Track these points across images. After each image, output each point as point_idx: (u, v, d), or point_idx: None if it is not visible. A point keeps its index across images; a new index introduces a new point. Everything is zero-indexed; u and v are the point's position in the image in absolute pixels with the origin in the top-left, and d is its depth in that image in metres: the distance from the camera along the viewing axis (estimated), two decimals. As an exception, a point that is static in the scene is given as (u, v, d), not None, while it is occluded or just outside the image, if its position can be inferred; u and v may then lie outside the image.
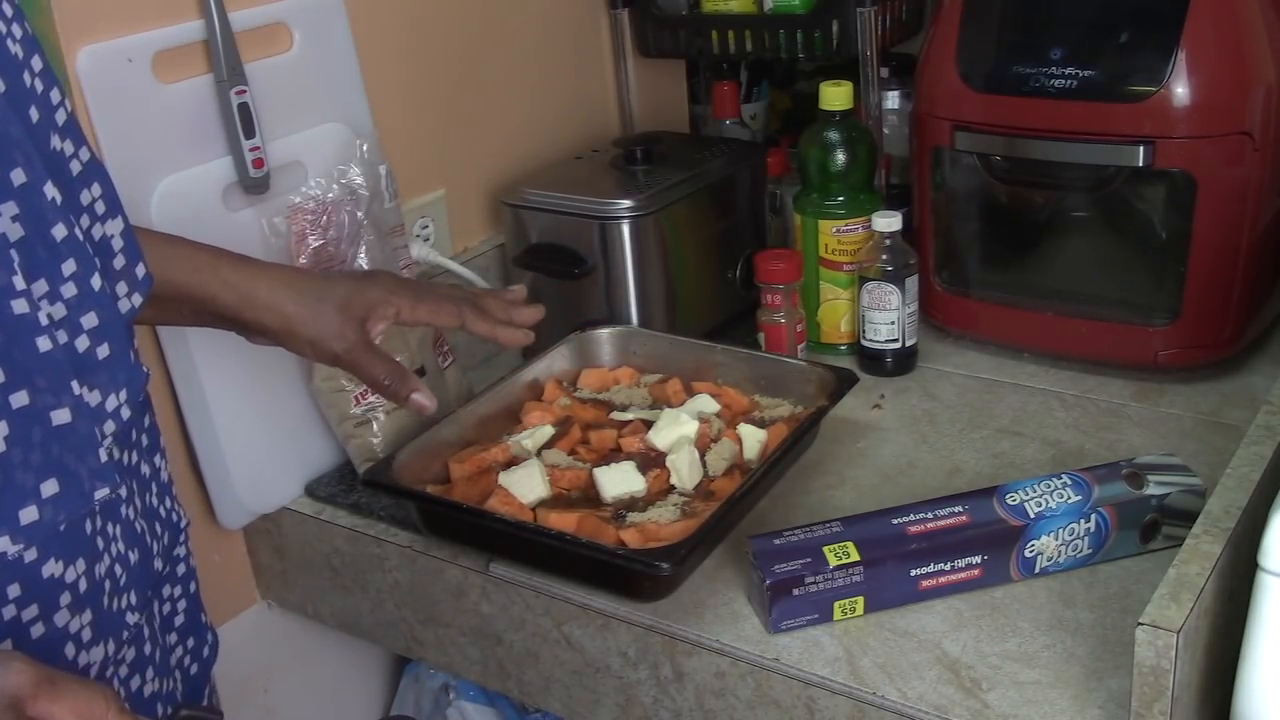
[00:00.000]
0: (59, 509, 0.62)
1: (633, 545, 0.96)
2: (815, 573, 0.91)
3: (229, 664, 1.15)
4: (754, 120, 1.77)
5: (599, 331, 1.25)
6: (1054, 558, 0.95)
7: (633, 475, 1.03)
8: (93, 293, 0.65)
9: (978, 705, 0.85)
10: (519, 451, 1.09)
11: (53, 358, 0.61)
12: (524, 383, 1.20)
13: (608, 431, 1.11)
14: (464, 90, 1.40)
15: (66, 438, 0.62)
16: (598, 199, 1.28)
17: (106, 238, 0.71)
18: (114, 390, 0.66)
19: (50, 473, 0.62)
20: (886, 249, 1.25)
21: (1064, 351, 1.26)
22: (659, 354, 1.23)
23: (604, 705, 1.02)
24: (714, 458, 1.06)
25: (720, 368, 1.20)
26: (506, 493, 1.02)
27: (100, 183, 0.71)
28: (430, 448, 1.08)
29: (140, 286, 0.74)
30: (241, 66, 1.10)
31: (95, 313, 0.65)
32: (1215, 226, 1.13)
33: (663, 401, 1.17)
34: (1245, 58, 1.10)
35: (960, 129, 1.22)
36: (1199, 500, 0.96)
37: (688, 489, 1.04)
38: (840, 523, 0.94)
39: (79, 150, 0.69)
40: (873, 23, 1.34)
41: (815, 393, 1.13)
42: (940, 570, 0.93)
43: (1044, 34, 1.17)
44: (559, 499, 1.04)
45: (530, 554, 1.01)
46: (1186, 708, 0.78)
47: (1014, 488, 0.95)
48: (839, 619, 0.93)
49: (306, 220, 1.12)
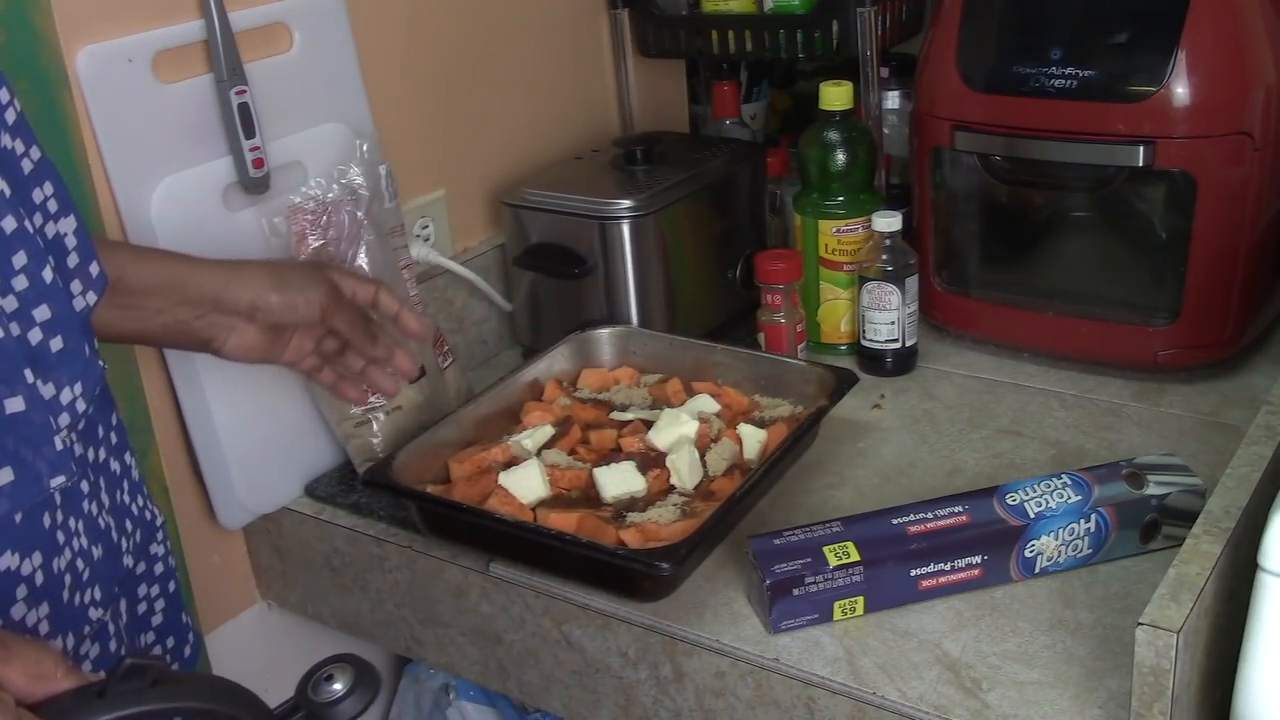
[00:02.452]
0: (15, 497, 0.62)
1: (633, 545, 0.96)
2: (815, 573, 0.91)
3: (229, 664, 1.15)
4: (754, 120, 1.77)
5: (599, 331, 1.25)
6: (1054, 558, 0.95)
7: (633, 475, 1.03)
8: (44, 285, 0.65)
9: (978, 705, 0.85)
10: (519, 451, 1.09)
11: (4, 347, 0.61)
12: (524, 383, 1.20)
13: (608, 431, 1.12)
14: (464, 90, 1.40)
15: (21, 427, 0.62)
16: (598, 199, 1.28)
17: (60, 235, 0.71)
18: (69, 383, 0.67)
19: (4, 461, 0.62)
20: (886, 249, 1.25)
21: (1064, 351, 1.26)
22: (659, 354, 1.24)
23: (604, 705, 1.02)
24: (714, 458, 1.06)
25: (720, 368, 1.20)
26: (506, 493, 1.02)
27: (52, 181, 0.71)
28: (430, 448, 1.08)
29: (94, 285, 0.74)
30: (241, 66, 1.10)
31: (48, 306, 0.65)
32: (1215, 226, 1.13)
33: (663, 401, 1.17)
34: (1245, 58, 1.10)
35: (960, 129, 1.23)
36: (1199, 500, 0.96)
37: (688, 489, 1.04)
38: (840, 523, 0.94)
39: (29, 149, 0.69)
40: (873, 23, 1.34)
41: (815, 393, 1.13)
42: (940, 570, 0.93)
43: (1044, 34, 1.17)
44: (559, 499, 1.04)
45: (530, 554, 1.01)
46: (1186, 708, 0.78)
47: (1014, 488, 0.95)
48: (839, 619, 0.93)
49: (306, 220, 1.12)
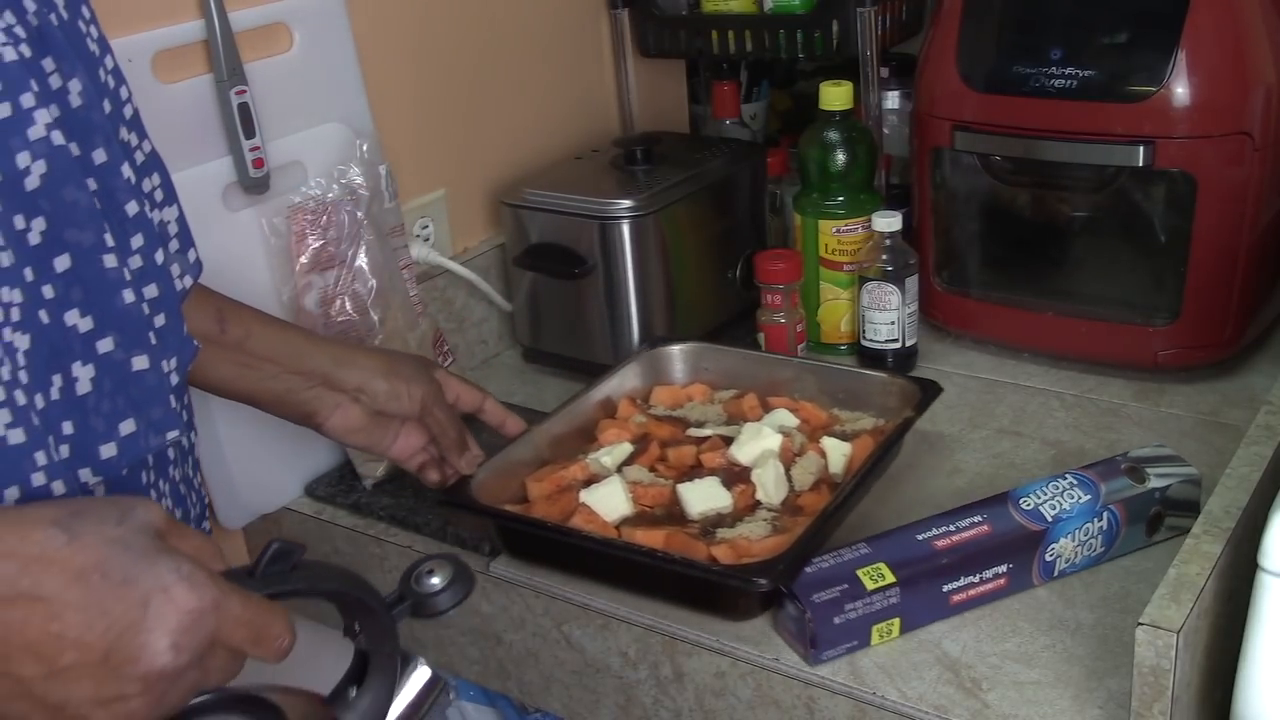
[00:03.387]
0: (135, 447, 0.67)
1: (725, 561, 0.93)
2: (854, 598, 0.88)
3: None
4: (754, 120, 1.77)
5: (670, 348, 1.23)
6: (1071, 559, 0.94)
7: (718, 491, 1.01)
8: (155, 266, 0.71)
9: (978, 705, 0.85)
10: (598, 469, 1.07)
11: (133, 310, 0.67)
12: (595, 401, 1.17)
13: (686, 448, 1.09)
14: (464, 90, 1.40)
15: (143, 383, 0.68)
16: (598, 199, 1.28)
17: (164, 223, 0.77)
18: (168, 357, 0.72)
19: (129, 413, 0.67)
20: (886, 249, 1.25)
21: (1064, 351, 1.26)
22: (731, 369, 1.21)
23: (604, 705, 1.02)
24: (799, 472, 1.04)
25: (795, 382, 1.17)
26: (590, 510, 1.00)
27: (159, 173, 0.77)
28: (506, 467, 1.05)
29: (191, 270, 0.80)
30: (241, 66, 1.10)
31: (156, 284, 0.71)
32: (1215, 226, 1.13)
33: (738, 417, 1.14)
34: (1245, 58, 1.10)
35: (960, 129, 1.22)
36: (1196, 489, 0.97)
37: (774, 504, 1.01)
38: (866, 544, 0.92)
39: (141, 143, 0.75)
40: (873, 23, 1.34)
41: (898, 404, 1.10)
42: (970, 583, 0.91)
43: (1044, 34, 1.17)
44: (642, 516, 1.01)
45: (617, 572, 0.99)
46: (1186, 708, 0.78)
47: (1025, 492, 0.94)
48: (876, 643, 0.90)
49: (306, 220, 1.12)
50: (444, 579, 0.72)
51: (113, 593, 0.54)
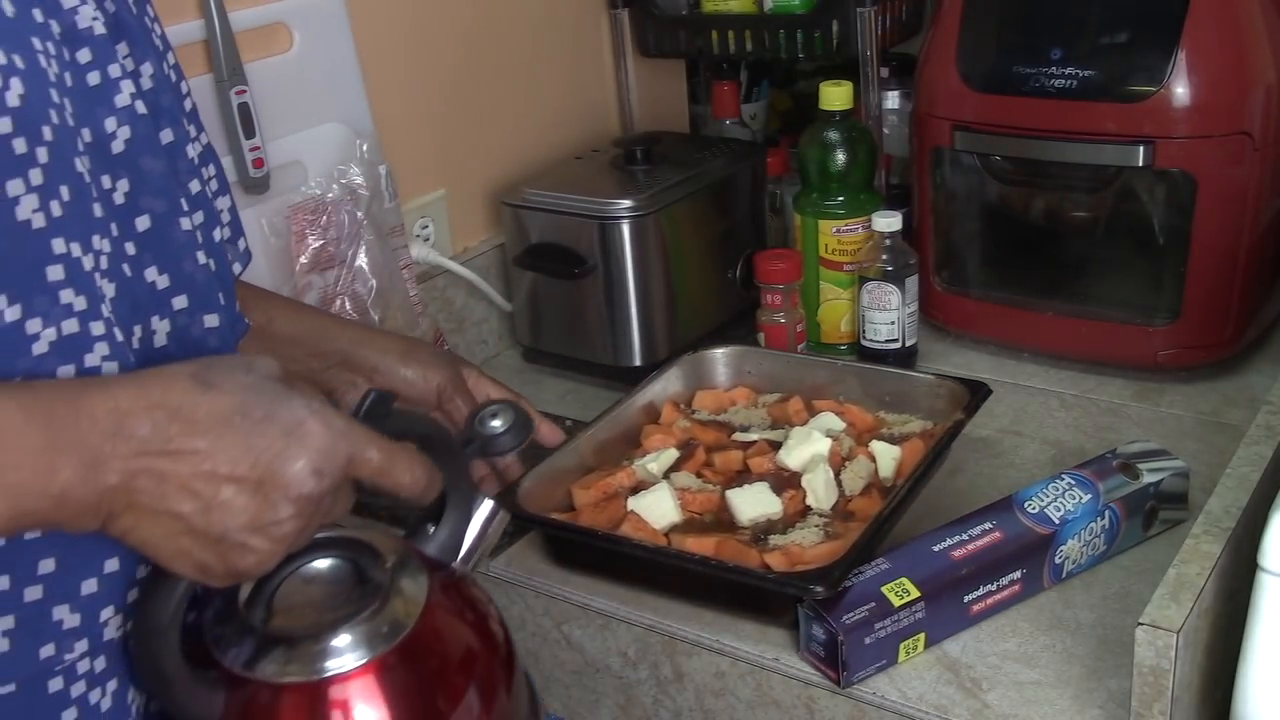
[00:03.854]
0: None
1: (778, 569, 0.91)
2: (883, 616, 0.85)
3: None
4: (754, 120, 1.77)
5: (712, 352, 1.21)
6: (1078, 560, 0.94)
7: (768, 496, 1.00)
8: (213, 244, 0.74)
9: (978, 705, 0.85)
10: (644, 475, 1.05)
11: (204, 271, 0.71)
12: (638, 406, 1.15)
13: (733, 453, 1.07)
14: (464, 90, 1.40)
15: (215, 339, 0.72)
16: (598, 199, 1.28)
17: (217, 212, 0.79)
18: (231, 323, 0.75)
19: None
20: (886, 249, 1.25)
21: (1064, 351, 1.26)
22: (774, 373, 1.20)
23: (604, 705, 1.02)
24: (850, 476, 1.02)
25: (838, 385, 1.16)
26: (639, 518, 0.98)
27: (214, 164, 0.80)
28: (551, 475, 1.04)
29: (241, 258, 0.83)
30: (241, 66, 1.10)
31: (214, 260, 0.73)
32: (1215, 226, 1.13)
33: (783, 421, 1.13)
34: (1245, 58, 1.10)
35: (960, 129, 1.22)
36: (1185, 482, 0.98)
37: (825, 510, 1.00)
38: (883, 558, 0.90)
39: (199, 135, 0.78)
40: (873, 23, 1.34)
41: (947, 407, 1.09)
42: (989, 591, 0.90)
43: (1044, 34, 1.17)
44: (691, 523, 1.00)
45: (667, 580, 0.97)
46: (1186, 708, 0.78)
47: (1027, 495, 0.94)
48: (903, 660, 0.88)
49: (306, 220, 1.12)
50: (505, 422, 0.76)
51: (255, 429, 0.59)
